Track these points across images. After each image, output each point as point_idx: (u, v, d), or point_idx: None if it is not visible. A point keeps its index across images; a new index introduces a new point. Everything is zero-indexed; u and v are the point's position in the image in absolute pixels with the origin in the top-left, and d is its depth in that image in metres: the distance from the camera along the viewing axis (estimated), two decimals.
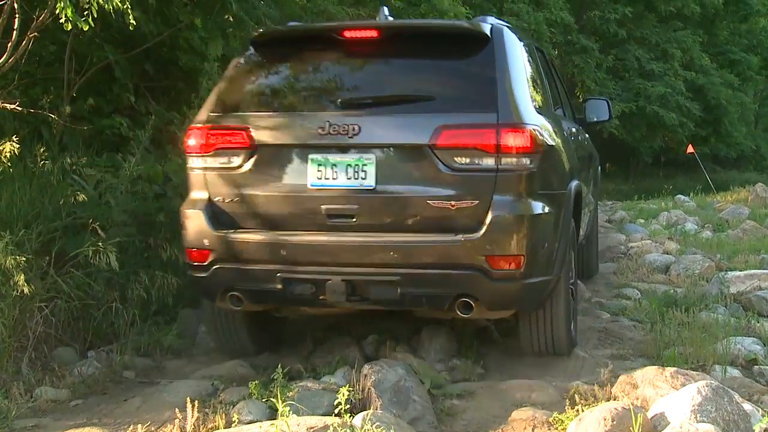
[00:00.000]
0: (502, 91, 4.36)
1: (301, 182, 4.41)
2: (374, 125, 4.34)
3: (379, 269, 4.28)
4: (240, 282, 4.51)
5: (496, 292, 4.26)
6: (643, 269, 8.08)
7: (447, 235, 4.21)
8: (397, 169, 4.34)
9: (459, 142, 4.22)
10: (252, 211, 4.51)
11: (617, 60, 29.18)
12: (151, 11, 7.04)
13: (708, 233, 10.59)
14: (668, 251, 8.97)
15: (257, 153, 4.49)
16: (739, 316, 5.80)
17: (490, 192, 4.19)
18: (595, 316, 6.21)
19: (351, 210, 4.33)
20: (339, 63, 4.80)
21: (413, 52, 4.70)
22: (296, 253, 4.38)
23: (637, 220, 12.84)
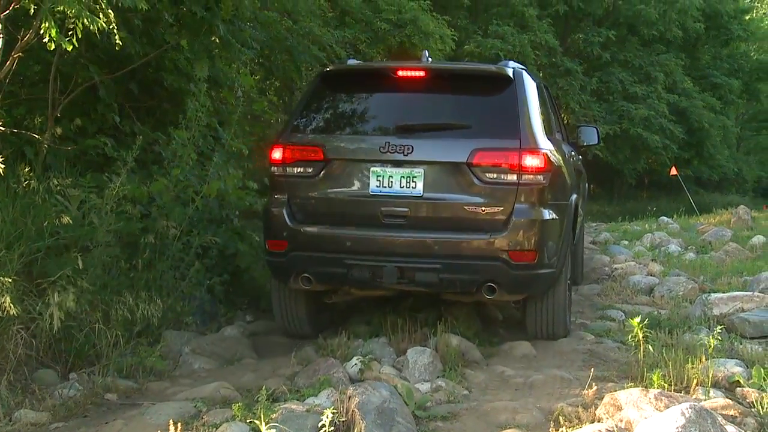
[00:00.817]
0: (523, 122, 5.64)
1: (363, 189, 5.68)
2: (423, 146, 5.60)
3: (424, 259, 5.50)
4: (312, 266, 5.71)
5: (514, 279, 5.49)
6: (627, 291, 8.11)
7: (478, 234, 5.47)
8: (440, 180, 5.59)
9: (489, 161, 5.49)
10: (323, 210, 5.76)
11: (601, 82, 29.38)
12: (137, 32, 7.05)
13: (691, 255, 10.64)
14: (652, 273, 9.00)
15: (329, 165, 5.74)
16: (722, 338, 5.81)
17: (512, 201, 5.47)
18: (580, 337, 6.21)
19: (403, 212, 5.60)
20: (393, 95, 6.14)
21: (452, 88, 6.07)
22: (359, 244, 5.61)
23: (621, 242, 12.88)
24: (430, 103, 6.02)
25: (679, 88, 31.34)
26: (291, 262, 5.76)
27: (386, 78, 6.14)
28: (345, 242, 5.63)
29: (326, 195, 5.76)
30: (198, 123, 6.76)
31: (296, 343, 6.14)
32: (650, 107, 28.87)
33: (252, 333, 6.63)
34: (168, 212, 6.34)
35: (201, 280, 6.55)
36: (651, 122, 28.63)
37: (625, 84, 29.39)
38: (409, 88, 6.03)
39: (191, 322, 6.26)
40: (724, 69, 35.30)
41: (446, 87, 6.09)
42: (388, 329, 6.13)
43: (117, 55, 6.64)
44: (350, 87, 6.25)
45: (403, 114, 5.97)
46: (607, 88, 29.39)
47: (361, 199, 5.68)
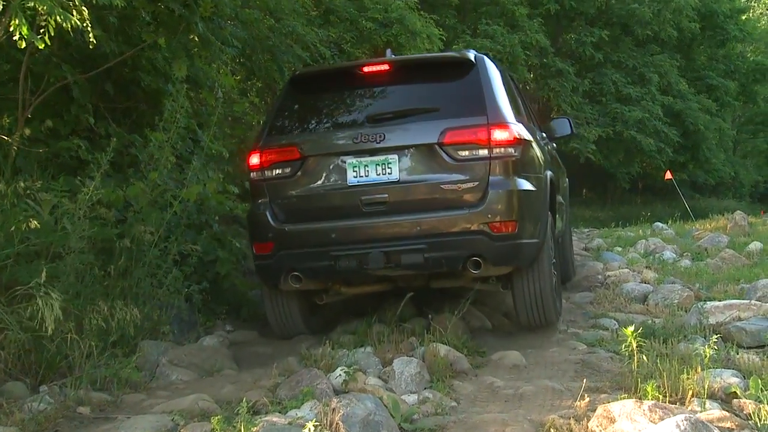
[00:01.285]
0: (489, 99, 6.15)
1: (341, 181, 6.11)
2: (395, 132, 6.07)
3: (408, 240, 5.92)
4: (300, 263, 6.10)
5: (498, 250, 5.89)
6: (620, 299, 8.13)
7: (458, 210, 5.90)
8: (414, 163, 6.04)
9: (460, 139, 5.94)
10: (305, 207, 6.19)
11: (594, 84, 29.49)
12: (112, 30, 7.03)
13: (686, 262, 10.68)
14: (646, 280, 9.03)
15: (305, 162, 6.18)
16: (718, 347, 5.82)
17: (486, 175, 5.90)
18: (571, 347, 6.22)
19: (382, 198, 6.02)
20: (362, 90, 6.60)
21: (417, 76, 6.59)
22: (343, 235, 6.02)
23: (615, 248, 12.92)
24: (397, 92, 6.59)
25: (674, 90, 31.46)
26: (279, 262, 6.16)
27: (353, 75, 6.63)
28: (329, 235, 6.04)
29: (306, 192, 6.20)
30: (176, 125, 6.74)
31: (278, 354, 6.12)
32: (644, 109, 28.97)
33: (232, 343, 6.60)
34: (145, 217, 6.32)
35: (179, 288, 6.52)
36: (645, 125, 28.74)
37: (619, 85, 29.50)
38: (376, 81, 6.55)
39: (168, 332, 6.23)
40: (720, 70, 35.43)
41: (411, 77, 6.61)
42: (373, 339, 6.12)
43: (91, 53, 6.62)
44: (319, 88, 6.75)
45: (372, 106, 6.49)
46: (599, 89, 29.51)
47: (341, 191, 6.13)
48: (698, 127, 31.13)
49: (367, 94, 6.63)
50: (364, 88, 6.62)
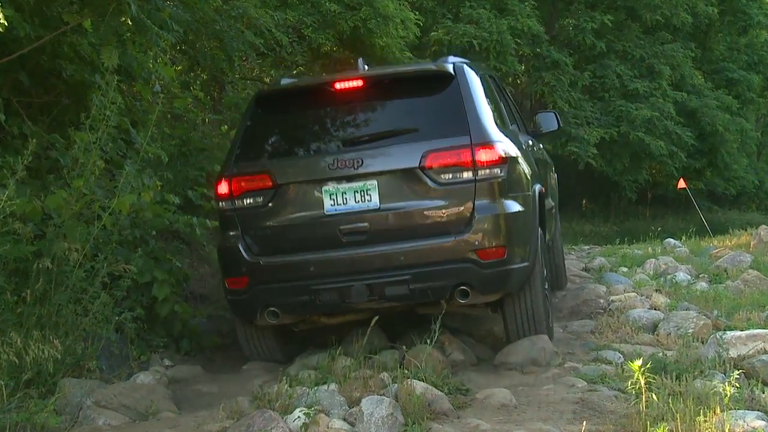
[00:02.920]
0: (472, 116, 6.60)
1: (318, 210, 6.60)
2: (373, 157, 6.56)
3: (392, 271, 6.43)
4: (277, 298, 6.62)
5: (486, 278, 6.41)
6: (626, 328, 8.16)
7: (443, 237, 6.41)
8: (395, 189, 6.53)
9: (442, 162, 6.43)
10: (281, 238, 6.69)
11: (595, 77, 29.63)
12: (27, 10, 6.97)
13: (703, 285, 10.74)
14: (656, 306, 9.08)
15: (279, 191, 6.68)
16: (740, 384, 5.86)
17: (472, 198, 6.41)
18: (569, 384, 6.24)
19: (362, 227, 6.52)
20: (334, 110, 7.10)
21: (394, 93, 7.04)
22: (322, 268, 6.53)
23: (619, 269, 12.98)
24: (374, 111, 7.10)
25: (689, 85, 31.65)
26: (254, 298, 6.66)
27: (324, 93, 7.09)
28: (308, 267, 6.56)
29: (281, 222, 6.71)
30: (106, 123, 6.69)
31: (226, 393, 6.09)
32: (654, 107, 29.10)
33: (171, 380, 6.56)
34: (67, 232, 6.26)
35: (108, 316, 6.47)
36: (655, 125, 28.84)
37: (624, 79, 29.65)
38: (349, 99, 7.03)
39: (95, 368, 6.18)
40: (742, 62, 35.59)
41: (387, 93, 7.09)
42: (338, 374, 6.11)
43: (2, 37, 6.55)
44: (288, 107, 7.24)
45: (347, 127, 7.06)
46: (602, 84, 29.66)
47: (318, 220, 6.63)
48: (716, 127, 31.20)
49: (341, 113, 7.11)
50: (337, 106, 7.10)
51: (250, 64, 14.53)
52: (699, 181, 32.82)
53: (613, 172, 30.03)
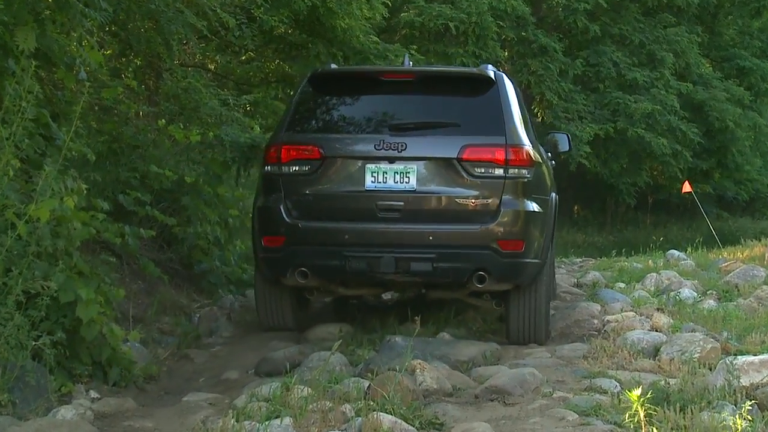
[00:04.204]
0: (508, 120, 8.45)
1: (359, 185, 8.34)
2: (416, 143, 8.31)
3: (419, 249, 8.16)
4: (310, 259, 8.30)
5: (503, 267, 8.19)
6: (623, 352, 8.19)
7: (469, 225, 8.19)
8: (432, 175, 8.33)
9: (478, 156, 8.19)
10: (320, 206, 8.42)
11: (588, 66, 29.77)
12: None
13: (711, 303, 10.80)
14: (658, 327, 9.12)
15: (325, 163, 8.38)
16: (752, 417, 5.89)
17: (500, 193, 8.17)
18: (558, 417, 6.24)
19: (398, 205, 8.25)
20: (384, 97, 9.01)
21: (438, 90, 8.98)
22: (356, 237, 8.26)
23: (616, 285, 13.03)
24: (419, 103, 8.90)
25: (695, 74, 31.86)
26: (288, 257, 8.34)
27: (374, 81, 9.02)
28: (343, 235, 8.25)
29: (323, 191, 8.42)
30: (21, 116, 6.64)
31: (162, 429, 6.05)
32: (655, 100, 29.26)
33: (98, 416, 6.51)
34: None
35: (23, 341, 6.40)
36: (656, 120, 29.00)
37: (621, 68, 29.81)
38: (398, 90, 8.93)
39: (7, 402, 6.12)
40: (756, 48, 35.74)
41: (432, 88, 8.98)
42: (293, 406, 6.08)
43: None
44: (339, 89, 9.15)
45: (394, 114, 8.75)
46: (596, 73, 29.82)
47: (358, 194, 8.35)
48: (726, 123, 31.30)
49: (388, 101, 8.97)
50: (385, 95, 9.00)
51: (192, 49, 14.45)
52: (706, 184, 33.03)
53: (609, 173, 30.20)
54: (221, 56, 16.16)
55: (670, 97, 29.80)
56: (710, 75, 32.47)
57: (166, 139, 12.02)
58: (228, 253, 12.01)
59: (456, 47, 25.37)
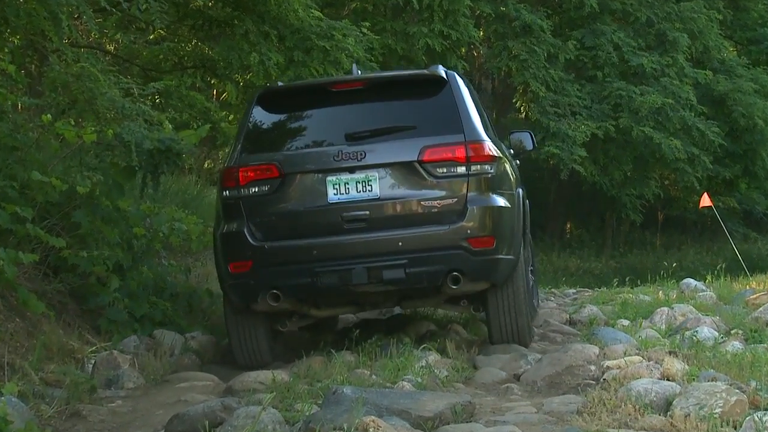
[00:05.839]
0: (464, 117, 9.93)
1: (322, 199, 9.69)
2: (375, 150, 9.72)
3: (389, 256, 9.47)
4: (280, 280, 9.54)
5: (476, 265, 9.55)
6: (627, 406, 8.20)
7: (438, 226, 9.54)
8: (394, 181, 9.74)
9: (439, 156, 9.59)
10: (285, 224, 9.77)
11: (583, 48, 29.94)
12: None
13: (736, 345, 10.84)
14: (669, 375, 9.15)
15: (285, 180, 9.74)
16: None
17: (465, 191, 9.58)
18: None
19: (363, 215, 9.59)
20: (337, 108, 10.48)
21: (390, 95, 10.49)
22: (325, 252, 9.56)
23: (618, 322, 13.06)
24: (372, 110, 10.38)
25: (715, 60, 32.10)
26: (258, 280, 9.60)
27: (324, 93, 10.50)
28: (311, 251, 9.57)
29: (286, 209, 9.80)
30: None
31: None
32: (666, 91, 29.42)
33: None
34: None
35: None
36: (667, 117, 29.15)
37: (624, 52, 29.98)
38: (349, 99, 10.40)
39: None
40: None
41: (384, 94, 10.48)
42: None
43: None
44: (289, 105, 10.71)
45: (349, 124, 10.16)
46: (593, 58, 29.98)
47: (321, 208, 9.73)
48: (754, 120, 31.47)
49: (342, 111, 10.50)
50: (338, 106, 10.46)
51: (86, 26, 14.38)
52: (730, 196, 33.26)
53: (610, 183, 30.32)
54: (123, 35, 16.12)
55: (685, 88, 30.00)
56: (734, 61, 32.74)
57: (53, 139, 11.86)
58: (132, 282, 11.78)
59: (418, 25, 25.39)
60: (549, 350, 10.56)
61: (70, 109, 12.10)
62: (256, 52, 15.68)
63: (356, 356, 9.48)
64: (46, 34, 12.09)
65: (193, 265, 14.07)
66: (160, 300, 11.66)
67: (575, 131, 27.66)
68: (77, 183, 11.04)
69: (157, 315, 11.50)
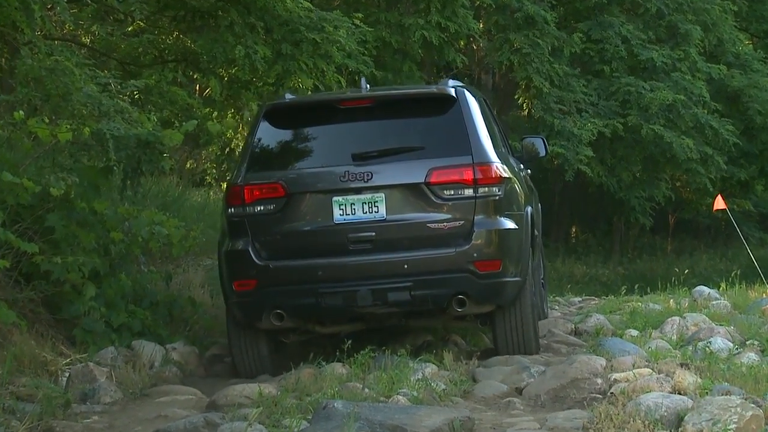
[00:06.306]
0: (473, 138, 10.32)
1: (327, 219, 10.16)
2: (382, 171, 10.16)
3: (395, 278, 9.97)
4: (284, 299, 10.06)
5: (482, 288, 10.04)
6: (636, 422, 8.21)
7: (444, 249, 10.01)
8: (401, 202, 10.20)
9: (446, 178, 10.02)
10: (290, 244, 10.24)
11: (590, 41, 29.93)
12: None
13: (751, 356, 10.85)
14: (681, 389, 9.15)
15: (290, 199, 10.19)
16: None
17: (472, 214, 10.01)
18: None
19: (369, 236, 10.07)
20: (343, 126, 10.97)
21: (398, 113, 10.89)
22: (329, 272, 10.07)
23: (627, 332, 13.06)
24: (381, 129, 10.88)
25: (730, 54, 32.09)
26: (262, 300, 10.10)
27: (332, 109, 11.03)
28: (316, 272, 10.07)
29: (291, 229, 10.25)
30: None
31: None
32: (678, 87, 29.41)
33: None
34: None
35: None
36: (679, 114, 29.15)
37: (633, 45, 29.98)
38: (357, 117, 10.83)
39: None
40: None
41: (392, 112, 10.92)
42: None
43: None
44: (296, 122, 11.12)
45: (356, 143, 10.59)
46: (599, 52, 29.99)
47: (327, 228, 10.20)
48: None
49: (349, 129, 10.99)
50: (345, 123, 10.95)
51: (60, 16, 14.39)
52: (745, 199, 33.26)
53: (617, 185, 30.31)
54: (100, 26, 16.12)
55: (698, 83, 30.00)
56: (750, 55, 32.72)
57: (25, 138, 11.87)
58: (109, 290, 11.74)
59: (414, 17, 25.41)
60: (553, 362, 10.58)
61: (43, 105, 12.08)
62: (241, 44, 15.66)
63: (348, 368, 9.44)
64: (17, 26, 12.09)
65: (175, 272, 14.03)
66: (139, 309, 11.62)
67: (581, 129, 27.66)
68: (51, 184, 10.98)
69: (136, 325, 11.45)
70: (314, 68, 16.89)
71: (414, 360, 9.74)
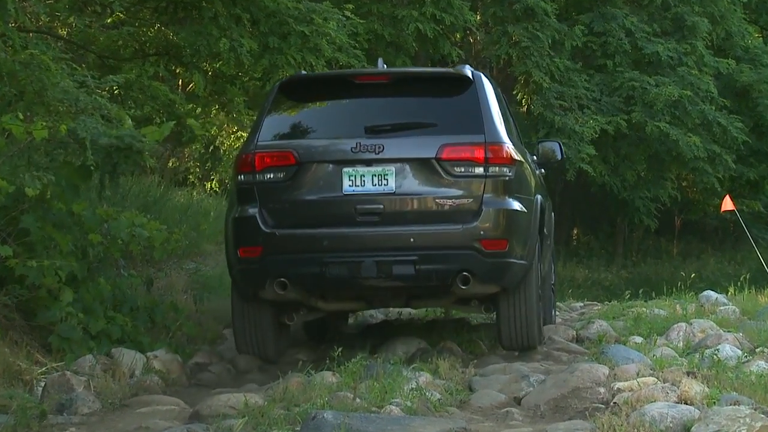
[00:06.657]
0: (486, 118, 10.86)
1: (337, 189, 10.64)
2: (393, 145, 10.68)
3: (400, 252, 10.40)
4: (289, 268, 10.47)
5: (487, 267, 10.45)
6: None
7: (451, 225, 10.47)
8: (411, 176, 10.66)
9: (457, 155, 10.49)
10: (297, 213, 10.75)
11: (592, 34, 29.96)
12: None
13: (761, 364, 10.86)
14: (688, 399, 9.15)
15: (300, 168, 10.66)
16: None
17: (481, 192, 10.47)
18: None
19: (377, 208, 10.54)
20: (359, 100, 11.64)
21: (414, 91, 11.65)
22: (335, 242, 10.53)
23: (630, 339, 13.07)
24: (395, 105, 11.45)
25: (738, 48, 32.12)
26: (267, 267, 10.54)
27: (347, 84, 11.75)
28: (322, 241, 10.50)
29: (300, 198, 10.74)
30: None
31: None
32: (684, 82, 29.43)
33: None
34: None
35: None
36: (685, 111, 29.15)
37: (637, 38, 30.00)
38: (372, 93, 11.54)
39: None
40: None
41: (408, 90, 11.60)
42: None
43: None
44: (312, 95, 11.82)
45: (370, 116, 11.21)
46: (602, 45, 30.01)
47: (335, 199, 10.67)
48: None
49: (363, 104, 11.62)
50: (360, 98, 11.61)
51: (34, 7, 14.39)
52: (755, 199, 33.28)
53: (621, 185, 30.34)
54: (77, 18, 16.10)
55: (705, 78, 30.04)
56: (759, 48, 32.76)
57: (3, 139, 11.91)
58: (87, 295, 11.71)
59: (408, 8, 25.44)
60: (553, 370, 10.55)
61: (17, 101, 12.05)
62: (226, 37, 15.69)
63: (338, 377, 9.35)
64: None
65: (156, 276, 14.06)
66: (119, 315, 11.54)
67: (583, 127, 27.69)
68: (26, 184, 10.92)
69: (115, 331, 11.39)
70: (303, 62, 16.90)
71: (407, 368, 9.70)
